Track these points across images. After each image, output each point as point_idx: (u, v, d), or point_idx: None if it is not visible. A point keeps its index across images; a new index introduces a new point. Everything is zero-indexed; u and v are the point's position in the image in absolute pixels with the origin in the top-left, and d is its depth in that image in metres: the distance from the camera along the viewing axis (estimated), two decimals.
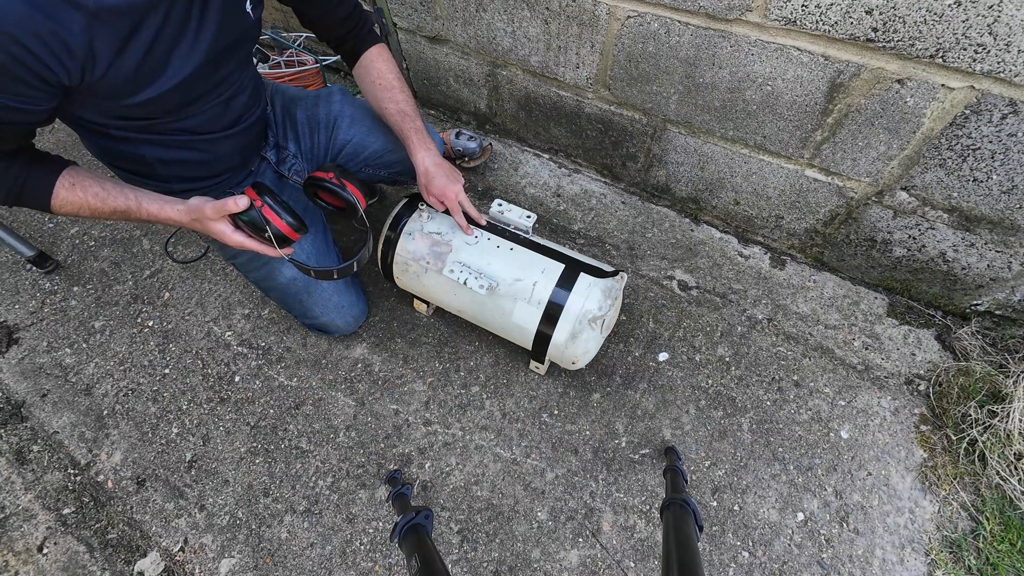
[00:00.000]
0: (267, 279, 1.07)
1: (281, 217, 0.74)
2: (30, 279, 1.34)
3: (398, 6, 1.40)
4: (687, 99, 1.14)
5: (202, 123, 0.84)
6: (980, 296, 1.12)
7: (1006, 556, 0.91)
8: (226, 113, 0.87)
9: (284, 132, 1.07)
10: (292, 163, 1.08)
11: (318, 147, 1.10)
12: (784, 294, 1.26)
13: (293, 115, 1.08)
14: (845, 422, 1.08)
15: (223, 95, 0.84)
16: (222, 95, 0.83)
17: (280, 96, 1.09)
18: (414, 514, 0.68)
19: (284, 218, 0.74)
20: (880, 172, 1.03)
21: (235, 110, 0.89)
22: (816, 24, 0.88)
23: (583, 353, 0.98)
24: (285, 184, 1.08)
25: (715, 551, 0.95)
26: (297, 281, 1.06)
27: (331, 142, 1.10)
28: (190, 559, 0.97)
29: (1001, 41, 0.76)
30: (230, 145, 0.92)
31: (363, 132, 1.10)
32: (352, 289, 1.15)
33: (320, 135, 1.09)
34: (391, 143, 1.10)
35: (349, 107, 1.10)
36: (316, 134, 1.09)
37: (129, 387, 1.17)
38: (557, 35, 1.19)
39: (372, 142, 1.10)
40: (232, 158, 0.95)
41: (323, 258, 1.09)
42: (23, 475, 1.07)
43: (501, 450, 1.07)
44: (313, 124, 1.08)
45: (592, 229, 1.40)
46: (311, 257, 1.07)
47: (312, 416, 1.12)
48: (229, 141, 0.91)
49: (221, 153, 0.92)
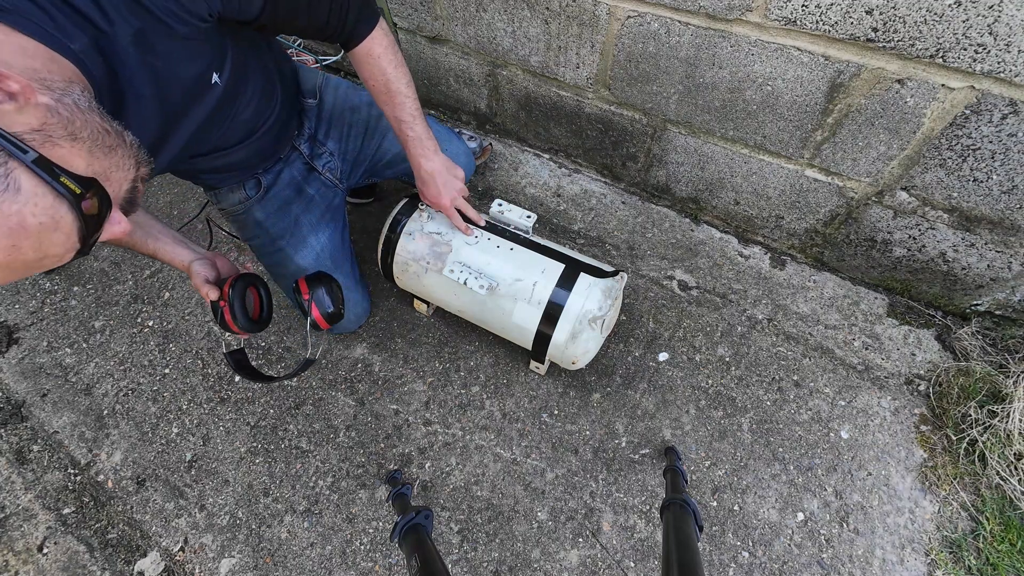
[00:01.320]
0: (278, 265, 1.07)
1: (236, 321, 0.80)
2: (30, 279, 1.34)
3: (398, 6, 1.40)
4: (687, 99, 1.14)
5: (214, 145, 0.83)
6: (980, 296, 1.12)
7: (1006, 556, 0.91)
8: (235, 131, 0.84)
9: (327, 130, 1.06)
10: (327, 160, 1.07)
11: (364, 152, 1.10)
12: (784, 294, 1.26)
13: (346, 119, 1.07)
14: (845, 422, 1.08)
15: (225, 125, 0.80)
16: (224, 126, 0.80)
17: (333, 93, 1.06)
18: (414, 514, 0.68)
19: (239, 322, 0.80)
20: (880, 172, 1.03)
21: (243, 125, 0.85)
22: (816, 24, 0.88)
23: (583, 353, 0.98)
24: (315, 178, 1.07)
25: (715, 551, 0.95)
26: (306, 271, 1.07)
27: (378, 149, 1.10)
28: (190, 559, 0.97)
29: (1001, 41, 0.76)
30: (247, 152, 0.90)
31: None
32: (357, 287, 1.16)
33: (372, 142, 1.09)
34: None
35: None
36: (368, 140, 1.09)
37: (129, 387, 1.17)
38: (557, 35, 1.19)
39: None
40: (251, 160, 0.94)
41: (337, 254, 1.10)
42: (23, 475, 1.07)
43: (501, 450, 1.07)
44: (371, 131, 1.08)
45: (592, 229, 1.40)
46: (326, 251, 1.07)
47: (312, 416, 1.12)
48: (245, 150, 0.89)
49: (237, 160, 0.90)
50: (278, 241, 1.03)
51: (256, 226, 1.02)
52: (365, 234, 1.40)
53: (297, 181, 1.04)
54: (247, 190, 0.98)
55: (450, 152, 1.07)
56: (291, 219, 1.04)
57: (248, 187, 0.98)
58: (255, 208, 1.00)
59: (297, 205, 1.04)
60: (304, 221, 1.05)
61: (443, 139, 1.07)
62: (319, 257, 1.06)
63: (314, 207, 1.06)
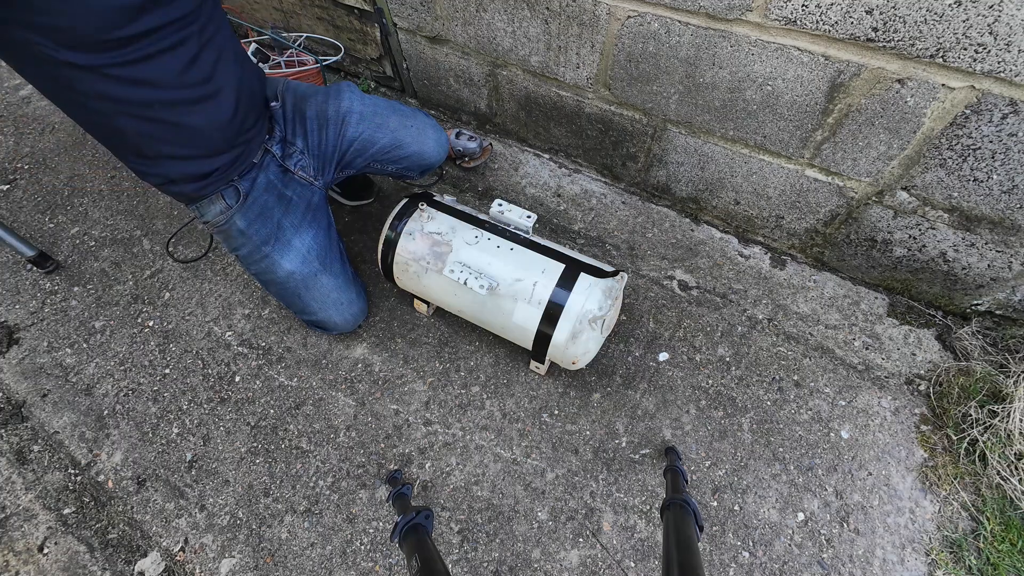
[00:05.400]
0: (267, 272, 1.07)
1: None
2: (30, 279, 1.35)
3: (398, 6, 1.40)
4: (687, 99, 1.14)
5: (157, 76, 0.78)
6: (980, 296, 1.12)
7: (1007, 556, 0.91)
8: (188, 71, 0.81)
9: (293, 129, 1.08)
10: (298, 159, 1.08)
11: (326, 144, 1.10)
12: (784, 294, 1.26)
13: (303, 112, 1.08)
14: (845, 422, 1.08)
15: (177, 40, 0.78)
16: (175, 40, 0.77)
17: (292, 93, 1.09)
18: (414, 514, 0.68)
19: None
20: (880, 172, 1.03)
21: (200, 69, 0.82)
22: (816, 24, 0.88)
23: (583, 353, 0.98)
24: (290, 179, 1.08)
25: (715, 551, 0.95)
26: (295, 275, 1.07)
27: (340, 139, 1.11)
28: (190, 559, 0.97)
29: (1001, 41, 0.76)
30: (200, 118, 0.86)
31: (371, 129, 1.11)
32: (352, 287, 1.16)
33: (329, 132, 1.10)
34: (398, 139, 1.12)
35: (358, 104, 1.11)
36: (325, 131, 1.09)
37: (129, 387, 1.17)
38: (557, 35, 1.19)
39: (380, 138, 1.12)
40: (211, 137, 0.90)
41: (324, 254, 1.10)
42: (24, 475, 1.07)
43: (501, 450, 1.07)
44: (323, 121, 1.09)
45: (592, 229, 1.40)
46: (312, 251, 1.07)
47: (312, 416, 1.12)
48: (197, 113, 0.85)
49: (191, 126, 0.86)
50: (263, 247, 1.03)
51: (240, 235, 1.02)
52: (365, 234, 1.41)
53: (274, 184, 1.04)
54: (227, 199, 0.98)
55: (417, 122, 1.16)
56: (273, 224, 1.04)
57: (227, 196, 0.98)
58: (236, 217, 1.00)
59: (278, 209, 1.04)
60: (286, 224, 1.05)
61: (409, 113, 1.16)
62: (306, 259, 1.06)
63: (294, 209, 1.07)
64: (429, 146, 1.16)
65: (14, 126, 1.71)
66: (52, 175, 1.57)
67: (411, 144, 1.14)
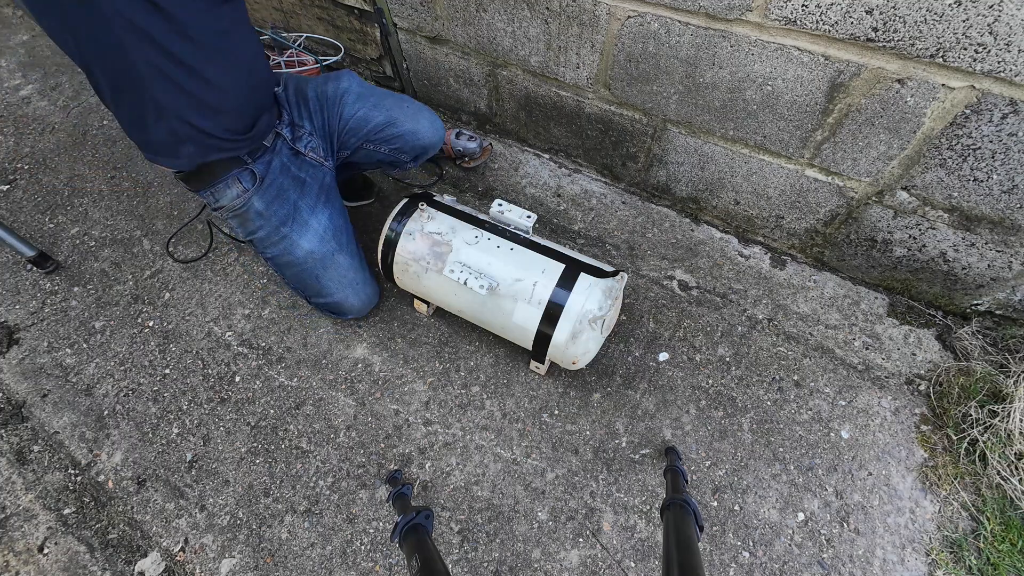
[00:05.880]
0: (285, 254, 1.08)
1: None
2: (30, 279, 1.34)
3: (398, 6, 1.40)
4: (687, 99, 1.14)
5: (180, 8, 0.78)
6: (980, 296, 1.12)
7: (1007, 556, 0.91)
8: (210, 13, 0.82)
9: (299, 111, 1.10)
10: (308, 140, 1.10)
11: (329, 123, 1.13)
12: (784, 294, 1.26)
13: (305, 94, 1.11)
14: (845, 422, 1.08)
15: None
16: None
17: (292, 80, 1.12)
18: (414, 514, 0.68)
19: None
20: (880, 172, 1.03)
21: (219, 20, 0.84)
22: (816, 24, 0.88)
23: (583, 353, 0.98)
24: (303, 161, 1.10)
25: (715, 551, 0.95)
26: (314, 254, 1.08)
27: (338, 118, 1.13)
28: (191, 559, 0.97)
29: (1001, 41, 0.76)
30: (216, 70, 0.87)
31: (367, 107, 1.13)
32: (362, 269, 1.18)
33: (328, 110, 1.12)
34: (393, 116, 1.14)
35: (356, 85, 1.14)
36: (325, 110, 1.12)
37: (129, 387, 1.17)
38: (557, 35, 1.19)
39: (375, 116, 1.13)
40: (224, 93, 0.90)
41: (340, 234, 1.12)
42: (24, 475, 1.07)
43: (501, 450, 1.07)
44: (323, 100, 1.12)
45: (592, 229, 1.40)
46: (329, 231, 1.10)
47: (312, 416, 1.12)
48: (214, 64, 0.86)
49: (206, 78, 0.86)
50: (281, 228, 1.06)
51: (258, 216, 1.04)
52: (365, 234, 1.40)
53: (288, 167, 1.07)
54: (243, 182, 1.01)
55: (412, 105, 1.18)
56: (290, 205, 1.06)
57: (244, 179, 1.01)
58: (255, 199, 1.02)
59: (293, 191, 1.07)
60: (302, 205, 1.08)
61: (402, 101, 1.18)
62: (323, 238, 1.09)
63: (309, 189, 1.09)
64: (423, 125, 1.18)
65: (14, 126, 1.71)
66: (52, 175, 1.57)
67: (405, 122, 1.15)
